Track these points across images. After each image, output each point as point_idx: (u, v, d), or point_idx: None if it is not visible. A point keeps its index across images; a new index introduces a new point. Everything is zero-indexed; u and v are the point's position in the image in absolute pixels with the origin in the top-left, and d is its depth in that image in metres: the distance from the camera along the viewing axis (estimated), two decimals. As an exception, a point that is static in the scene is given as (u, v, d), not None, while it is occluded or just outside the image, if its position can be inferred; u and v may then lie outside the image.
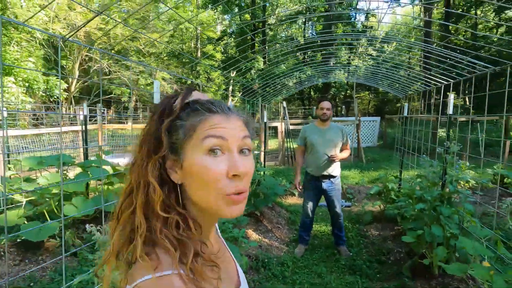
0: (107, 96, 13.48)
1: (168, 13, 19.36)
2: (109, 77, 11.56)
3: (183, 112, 0.52)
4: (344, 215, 4.58)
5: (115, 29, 9.45)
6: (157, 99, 1.82)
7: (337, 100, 23.61)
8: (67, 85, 8.88)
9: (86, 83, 10.48)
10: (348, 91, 21.35)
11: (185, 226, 0.50)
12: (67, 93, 8.74)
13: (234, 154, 0.50)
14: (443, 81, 3.42)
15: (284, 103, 8.83)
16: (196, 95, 0.58)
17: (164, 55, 18.95)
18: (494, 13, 21.38)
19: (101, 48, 10.53)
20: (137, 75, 12.98)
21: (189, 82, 19.58)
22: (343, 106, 20.23)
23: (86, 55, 10.11)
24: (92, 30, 9.06)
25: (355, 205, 5.08)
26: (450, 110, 2.61)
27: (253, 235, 3.55)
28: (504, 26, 17.58)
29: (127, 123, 14.43)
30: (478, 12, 22.57)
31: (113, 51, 11.30)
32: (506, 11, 20.28)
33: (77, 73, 10.24)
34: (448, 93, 3.01)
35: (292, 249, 3.50)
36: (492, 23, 18.33)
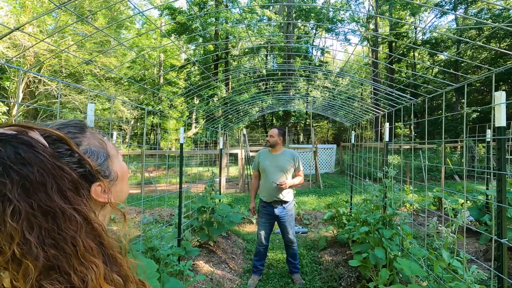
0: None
1: (130, 39, 19.20)
2: (58, 100, 10.73)
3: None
4: (300, 241, 4.60)
5: (68, 52, 9.06)
6: (91, 122, 1.72)
7: (298, 128, 24.65)
8: (7, 108, 8.10)
9: (30, 107, 9.67)
10: (307, 120, 22.44)
11: None
12: (7, 117, 7.95)
13: None
14: (384, 112, 3.76)
15: (244, 130, 8.94)
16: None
17: (125, 80, 18.50)
18: (428, 55, 24.80)
19: (52, 71, 9.92)
20: (92, 99, 12.36)
21: (149, 107, 19.12)
22: (302, 134, 21.09)
23: (34, 77, 9.43)
24: (41, 51, 8.55)
25: (312, 231, 5.12)
26: (386, 138, 2.84)
27: (204, 267, 3.35)
28: (437, 67, 20.29)
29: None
30: (416, 54, 25.96)
31: (64, 74, 10.68)
32: (438, 54, 23.61)
33: (21, 95, 9.43)
34: (390, 122, 3.29)
35: (245, 280, 3.36)
36: (427, 64, 21.08)
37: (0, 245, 0.37)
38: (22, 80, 9.56)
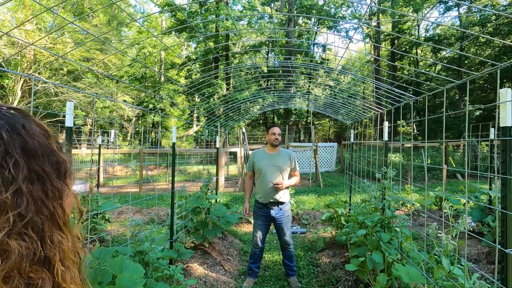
0: (53, 119, 12.43)
1: (131, 37, 19.13)
2: (57, 98, 10.70)
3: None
4: (298, 242, 4.51)
5: (65, 49, 8.97)
6: (69, 121, 1.63)
7: (299, 126, 24.52)
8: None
9: (28, 105, 9.65)
10: (308, 118, 22.29)
11: None
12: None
13: None
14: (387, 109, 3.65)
15: (244, 129, 8.84)
16: None
17: (126, 77, 18.45)
18: (431, 53, 24.52)
19: (50, 68, 9.85)
20: (92, 96, 12.28)
21: (150, 106, 19.07)
22: (302, 132, 20.99)
23: (33, 74, 9.36)
24: (38, 49, 8.49)
25: (310, 231, 5.03)
26: (385, 137, 2.74)
27: (198, 269, 3.27)
28: (440, 64, 20.06)
29: (80, 148, 13.42)
30: (419, 51, 25.68)
31: (61, 71, 10.62)
32: (441, 51, 23.35)
33: (19, 93, 9.38)
34: (392, 120, 3.18)
35: (240, 283, 3.28)
36: (430, 61, 20.84)
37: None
38: (21, 78, 9.51)
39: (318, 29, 22.21)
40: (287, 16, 17.04)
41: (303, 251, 4.10)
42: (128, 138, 23.76)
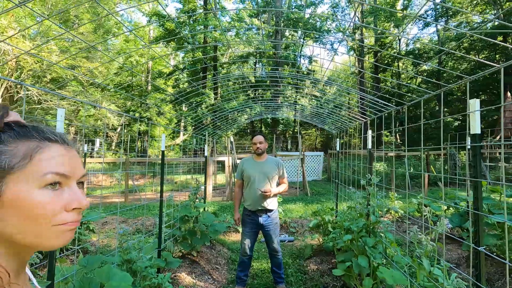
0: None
1: (117, 45, 19.00)
2: (40, 106, 10.42)
3: (3, 134, 0.45)
4: (286, 250, 4.54)
5: (49, 56, 8.82)
6: (60, 128, 1.64)
7: (286, 136, 24.80)
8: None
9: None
10: (295, 128, 22.59)
11: None
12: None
13: (74, 188, 0.49)
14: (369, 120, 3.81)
15: (232, 138, 8.88)
16: (14, 116, 0.50)
17: (112, 86, 18.20)
18: (412, 66, 25.61)
19: (33, 76, 9.64)
20: (76, 105, 12.05)
21: (137, 115, 18.84)
22: (289, 142, 21.21)
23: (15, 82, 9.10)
24: (21, 56, 8.31)
25: (298, 239, 5.07)
26: (369, 145, 2.86)
27: (186, 279, 3.24)
28: (420, 77, 20.96)
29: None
30: (400, 64, 26.76)
31: (45, 79, 10.39)
32: (421, 65, 24.43)
33: (-1, 100, 9.10)
34: (377, 129, 3.32)
35: (229, 291, 3.26)
36: (411, 74, 21.75)
37: None
38: (1, 86, 9.23)
39: (304, 41, 22.79)
40: (274, 29, 17.45)
41: (291, 259, 4.13)
42: (113, 147, 23.26)
